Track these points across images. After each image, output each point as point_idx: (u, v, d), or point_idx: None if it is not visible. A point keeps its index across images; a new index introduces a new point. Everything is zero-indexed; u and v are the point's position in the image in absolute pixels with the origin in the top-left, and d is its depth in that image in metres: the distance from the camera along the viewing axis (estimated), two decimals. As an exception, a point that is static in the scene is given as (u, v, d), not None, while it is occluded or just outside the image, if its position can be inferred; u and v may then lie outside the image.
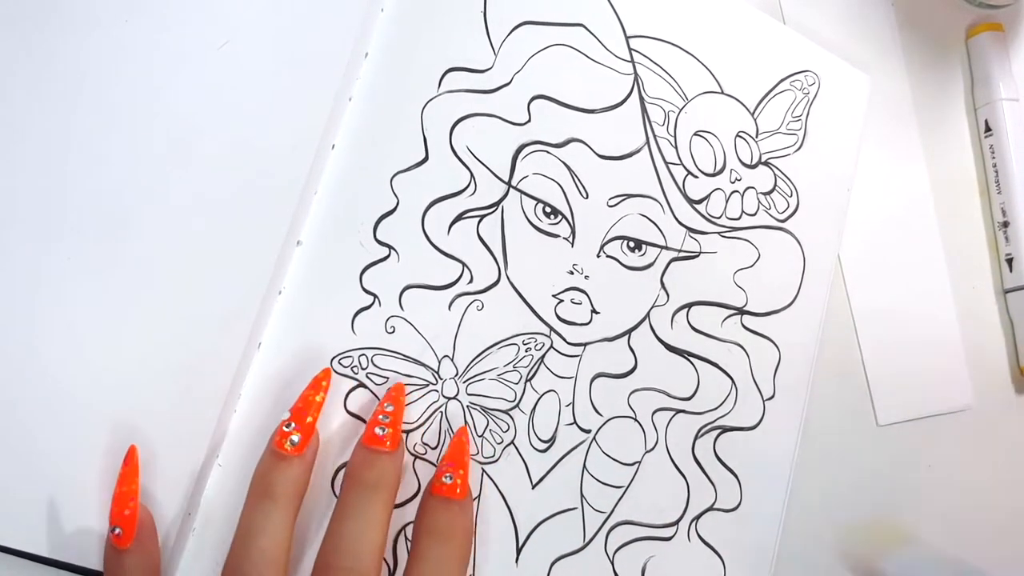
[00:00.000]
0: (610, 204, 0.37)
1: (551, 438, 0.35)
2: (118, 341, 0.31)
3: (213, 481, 0.31)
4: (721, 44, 0.40)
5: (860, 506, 0.41)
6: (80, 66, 0.32)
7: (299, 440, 0.29)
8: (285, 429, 0.30)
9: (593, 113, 0.37)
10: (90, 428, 0.30)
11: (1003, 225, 0.45)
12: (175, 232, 0.32)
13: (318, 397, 0.31)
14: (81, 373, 0.30)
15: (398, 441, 0.31)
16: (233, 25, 0.33)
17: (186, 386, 0.31)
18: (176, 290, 0.31)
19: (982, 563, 0.43)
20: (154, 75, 0.33)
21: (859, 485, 0.41)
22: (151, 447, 0.30)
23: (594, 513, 0.35)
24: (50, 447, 0.30)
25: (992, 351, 0.45)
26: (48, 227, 0.31)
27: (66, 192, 0.31)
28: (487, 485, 0.34)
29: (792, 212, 0.40)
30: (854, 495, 0.41)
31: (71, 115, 0.32)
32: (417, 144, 0.35)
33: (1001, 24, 0.47)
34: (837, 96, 0.42)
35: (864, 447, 0.42)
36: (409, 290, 0.34)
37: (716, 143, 0.39)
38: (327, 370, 0.31)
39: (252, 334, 0.32)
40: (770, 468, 0.38)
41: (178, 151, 0.32)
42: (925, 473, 0.43)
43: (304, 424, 0.30)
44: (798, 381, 0.39)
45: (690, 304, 0.38)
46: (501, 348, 0.35)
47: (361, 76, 0.35)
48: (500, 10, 0.36)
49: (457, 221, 0.35)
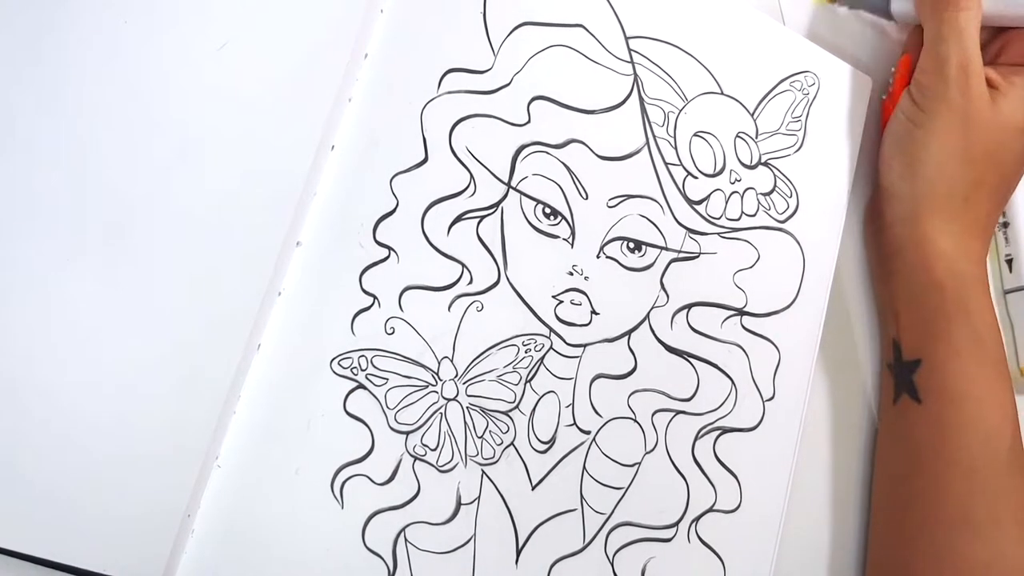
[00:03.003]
0: (610, 205, 0.37)
1: (551, 439, 0.35)
2: (118, 342, 0.31)
3: (213, 481, 0.31)
4: (721, 45, 0.39)
5: (860, 506, 0.41)
6: (80, 67, 0.32)
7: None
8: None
9: (593, 114, 0.37)
10: (90, 428, 0.30)
11: (1003, 225, 0.45)
12: (175, 233, 0.32)
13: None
14: (81, 373, 0.30)
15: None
16: (233, 26, 0.33)
17: (186, 387, 0.31)
18: (176, 291, 0.31)
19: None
20: (154, 76, 0.33)
21: (859, 485, 0.41)
22: (151, 447, 0.30)
23: (594, 514, 0.35)
24: (49, 447, 0.30)
25: (992, 351, 0.45)
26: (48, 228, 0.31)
27: (66, 193, 0.31)
28: (487, 486, 0.34)
29: (792, 213, 0.40)
30: (854, 495, 0.41)
31: (71, 116, 0.32)
32: (417, 145, 0.35)
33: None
34: (837, 97, 0.42)
35: (864, 447, 0.42)
36: (409, 291, 0.34)
37: (716, 144, 0.39)
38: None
39: (251, 335, 0.32)
40: (770, 469, 0.38)
41: (177, 152, 0.32)
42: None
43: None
44: (798, 382, 0.39)
45: (690, 305, 0.38)
46: (501, 349, 0.35)
47: (361, 77, 0.35)
48: (500, 11, 0.36)
49: (457, 222, 0.35)
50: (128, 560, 0.30)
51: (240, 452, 0.31)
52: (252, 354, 0.32)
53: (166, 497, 0.30)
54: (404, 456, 0.33)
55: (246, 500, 0.31)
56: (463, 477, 0.34)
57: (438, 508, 0.33)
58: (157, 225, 0.32)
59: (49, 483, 0.30)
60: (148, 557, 0.30)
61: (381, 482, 0.33)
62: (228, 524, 0.31)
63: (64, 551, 0.30)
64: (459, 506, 0.33)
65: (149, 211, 0.32)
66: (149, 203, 0.32)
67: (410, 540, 0.33)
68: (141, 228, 0.32)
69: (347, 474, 0.32)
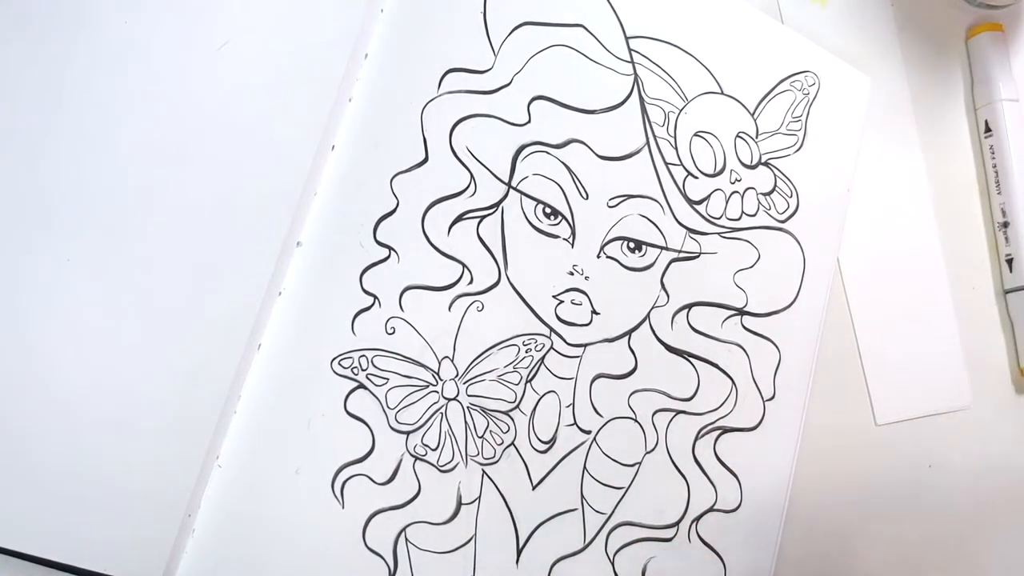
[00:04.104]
0: (610, 205, 0.37)
1: (551, 439, 0.35)
2: (118, 342, 0.31)
3: (213, 481, 0.31)
4: (721, 45, 0.39)
5: (860, 506, 0.41)
6: (80, 66, 0.32)
7: None
8: None
9: (593, 114, 0.37)
10: (90, 429, 0.30)
11: (1003, 225, 0.45)
12: (175, 233, 0.32)
13: None
14: (81, 373, 0.30)
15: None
16: (233, 25, 0.33)
17: (186, 386, 0.31)
18: (176, 291, 0.31)
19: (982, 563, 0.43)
20: (154, 76, 0.32)
21: (859, 485, 0.41)
22: (151, 447, 0.30)
23: (594, 514, 0.35)
24: (49, 448, 0.30)
25: (992, 351, 0.45)
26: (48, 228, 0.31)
27: (66, 193, 0.31)
28: (487, 486, 0.34)
29: (792, 213, 0.40)
30: (854, 495, 0.41)
31: (71, 116, 0.32)
32: (417, 145, 0.35)
33: (1001, 24, 0.47)
34: (837, 97, 0.42)
35: (864, 447, 0.42)
36: (409, 291, 0.34)
37: (716, 144, 0.39)
38: None
39: (252, 335, 0.32)
40: (770, 468, 0.38)
41: (177, 152, 0.32)
42: (925, 473, 0.43)
43: None
44: (798, 381, 0.39)
45: (690, 305, 0.38)
46: (501, 349, 0.35)
47: (361, 77, 0.35)
48: (500, 11, 0.36)
49: (457, 222, 0.35)
50: (128, 560, 0.30)
51: (240, 452, 0.31)
52: (252, 354, 0.32)
53: (166, 497, 0.30)
54: (404, 456, 0.33)
55: (246, 500, 0.31)
56: (464, 477, 0.34)
57: (439, 508, 0.33)
58: (157, 225, 0.32)
59: (49, 483, 0.30)
60: (148, 557, 0.30)
61: (382, 482, 0.33)
62: (228, 524, 0.31)
63: (64, 551, 0.30)
64: (459, 506, 0.33)
65: (149, 211, 0.32)
66: (149, 203, 0.32)
67: (411, 540, 0.33)
68: (141, 228, 0.32)
69: (348, 474, 0.32)
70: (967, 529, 0.43)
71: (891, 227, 0.44)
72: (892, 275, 0.43)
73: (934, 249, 0.44)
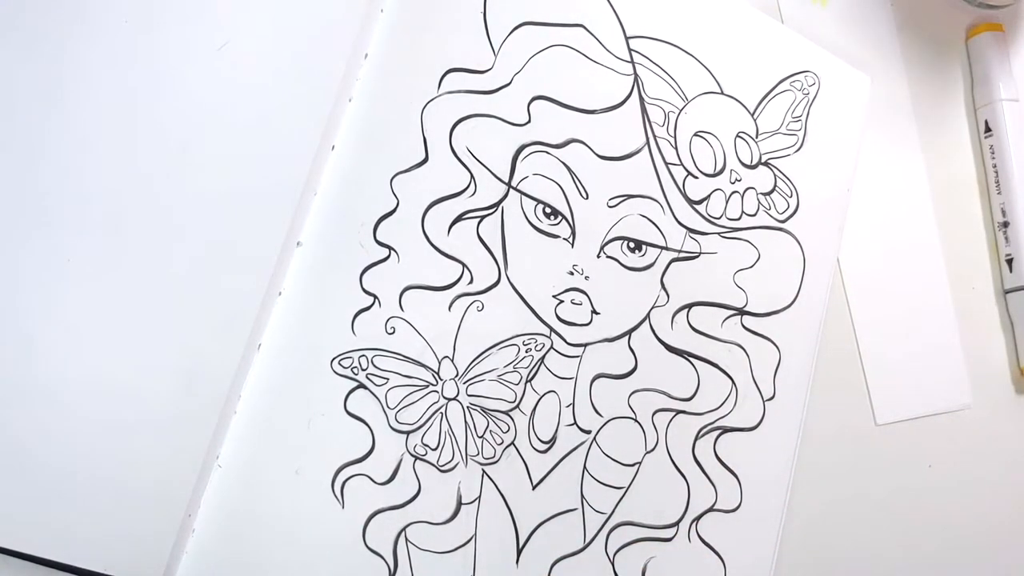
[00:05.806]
0: (610, 205, 0.37)
1: (551, 439, 0.35)
2: (118, 342, 0.31)
3: (213, 481, 0.31)
4: (721, 44, 0.40)
5: (860, 506, 0.41)
6: (80, 66, 0.32)
7: None
8: None
9: (593, 114, 0.37)
10: (90, 428, 0.30)
11: (1003, 225, 0.45)
12: (175, 233, 0.32)
13: None
14: (81, 374, 0.30)
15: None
16: (233, 26, 0.33)
17: (186, 386, 0.31)
18: (176, 291, 0.31)
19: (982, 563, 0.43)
20: (154, 76, 0.32)
21: (859, 485, 0.41)
22: (151, 447, 0.30)
23: (594, 514, 0.35)
24: (49, 448, 0.30)
25: (992, 351, 0.45)
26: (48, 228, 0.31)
27: (66, 193, 0.31)
28: (487, 486, 0.34)
29: (792, 213, 0.40)
30: (854, 495, 0.41)
31: (71, 116, 0.32)
32: (417, 145, 0.35)
33: (1001, 24, 0.47)
34: (837, 97, 0.42)
35: (864, 447, 0.42)
36: (409, 291, 0.34)
37: (716, 144, 0.39)
38: None
39: (252, 335, 0.32)
40: (770, 468, 0.38)
41: (178, 152, 0.32)
42: (925, 472, 0.43)
43: None
44: (798, 381, 0.39)
45: (690, 305, 0.38)
46: (501, 349, 0.35)
47: (361, 77, 0.35)
48: (500, 11, 0.36)
49: (457, 222, 0.35)
50: (128, 560, 0.30)
51: (240, 452, 0.31)
52: (252, 354, 0.32)
53: (166, 497, 0.30)
54: (405, 456, 0.33)
55: (246, 500, 0.31)
56: (464, 477, 0.34)
57: (439, 508, 0.33)
58: (157, 225, 0.32)
59: (49, 483, 0.30)
60: (148, 557, 0.30)
61: (382, 482, 0.33)
62: (228, 524, 0.31)
63: (64, 551, 0.30)
64: (460, 506, 0.33)
65: (149, 211, 0.32)
66: (149, 203, 0.32)
67: (411, 540, 0.33)
68: (141, 228, 0.32)
69: (348, 474, 0.32)
70: (967, 529, 0.43)
71: (891, 227, 0.44)
72: (892, 275, 0.43)
73: (934, 249, 0.44)
